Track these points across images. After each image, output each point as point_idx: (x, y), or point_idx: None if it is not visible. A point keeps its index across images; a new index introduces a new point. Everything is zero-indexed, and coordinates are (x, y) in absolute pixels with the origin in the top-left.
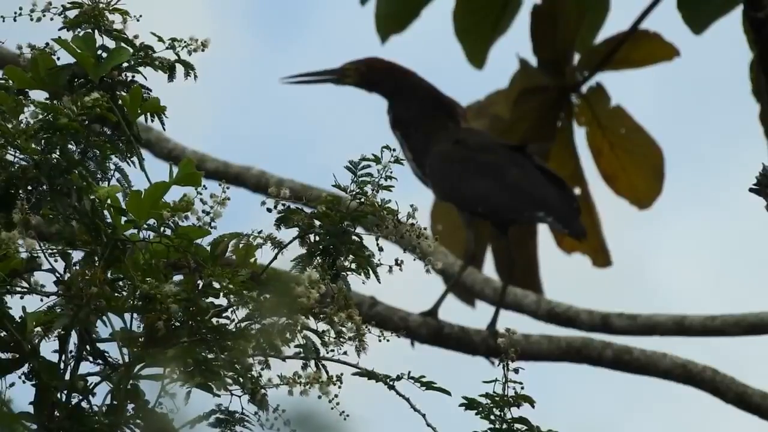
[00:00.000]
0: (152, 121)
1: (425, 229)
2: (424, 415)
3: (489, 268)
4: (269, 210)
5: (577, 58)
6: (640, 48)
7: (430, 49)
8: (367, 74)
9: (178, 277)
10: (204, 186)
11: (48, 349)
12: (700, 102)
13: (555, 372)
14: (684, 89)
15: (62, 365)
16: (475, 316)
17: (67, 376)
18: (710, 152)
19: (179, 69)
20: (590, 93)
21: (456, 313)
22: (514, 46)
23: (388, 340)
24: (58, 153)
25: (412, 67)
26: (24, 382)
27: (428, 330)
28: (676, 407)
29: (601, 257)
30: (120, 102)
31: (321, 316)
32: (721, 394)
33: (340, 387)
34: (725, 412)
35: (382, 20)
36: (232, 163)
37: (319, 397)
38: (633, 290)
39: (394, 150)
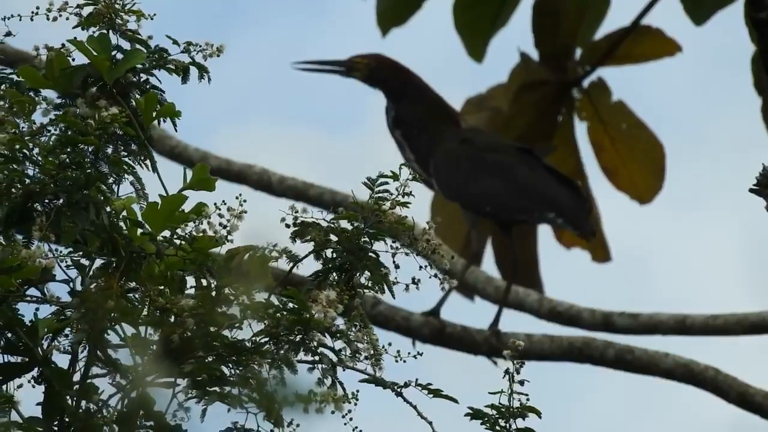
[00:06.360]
0: (164, 122)
1: (440, 244)
2: (430, 423)
3: (487, 265)
4: (287, 226)
5: (578, 53)
6: (642, 43)
7: (430, 42)
8: (377, 70)
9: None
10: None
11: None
12: (705, 97)
13: (557, 371)
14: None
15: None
16: (477, 315)
17: (77, 380)
18: (715, 150)
19: (193, 71)
20: (591, 88)
21: (458, 312)
22: (516, 39)
23: (404, 361)
24: (75, 168)
25: (411, 60)
26: (33, 386)
27: (430, 330)
28: (678, 407)
29: (601, 252)
30: (133, 103)
31: (338, 334)
32: (723, 394)
33: (356, 404)
34: (727, 411)
35: (383, 14)
36: (234, 160)
37: (333, 412)
38: (635, 289)
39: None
